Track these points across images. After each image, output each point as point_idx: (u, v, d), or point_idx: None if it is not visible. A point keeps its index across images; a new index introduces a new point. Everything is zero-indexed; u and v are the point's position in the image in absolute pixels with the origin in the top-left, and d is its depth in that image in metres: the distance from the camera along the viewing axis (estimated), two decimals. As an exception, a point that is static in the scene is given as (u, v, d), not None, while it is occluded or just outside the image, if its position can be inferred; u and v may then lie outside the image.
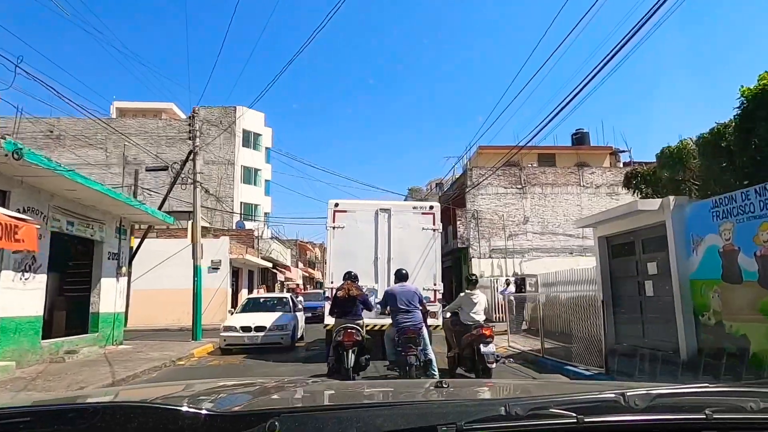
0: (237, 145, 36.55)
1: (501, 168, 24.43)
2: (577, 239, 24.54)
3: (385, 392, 2.04)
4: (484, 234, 24.29)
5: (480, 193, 24.64)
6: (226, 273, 21.68)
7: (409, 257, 9.72)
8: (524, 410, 1.09)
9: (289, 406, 1.50)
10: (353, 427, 1.06)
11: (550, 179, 25.15)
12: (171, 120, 37.16)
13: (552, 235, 24.56)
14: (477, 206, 24.48)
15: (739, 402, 1.23)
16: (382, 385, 3.47)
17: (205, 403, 1.32)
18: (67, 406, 1.35)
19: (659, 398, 1.20)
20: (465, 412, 1.12)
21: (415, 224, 10.14)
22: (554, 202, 24.89)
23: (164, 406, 1.24)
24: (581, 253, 24.34)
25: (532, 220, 24.66)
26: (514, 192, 24.85)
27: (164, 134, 36.32)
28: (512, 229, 24.42)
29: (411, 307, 7.23)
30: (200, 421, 1.09)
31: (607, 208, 26.16)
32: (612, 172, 25.72)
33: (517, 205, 24.74)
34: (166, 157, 36.20)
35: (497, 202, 24.65)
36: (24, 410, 1.25)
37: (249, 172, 37.51)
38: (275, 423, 1.02)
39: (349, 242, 9.99)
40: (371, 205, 10.48)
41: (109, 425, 1.10)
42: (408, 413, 1.19)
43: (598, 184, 25.26)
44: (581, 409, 1.11)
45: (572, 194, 25.05)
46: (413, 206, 10.97)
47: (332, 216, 10.21)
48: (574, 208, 24.89)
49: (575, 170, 25.45)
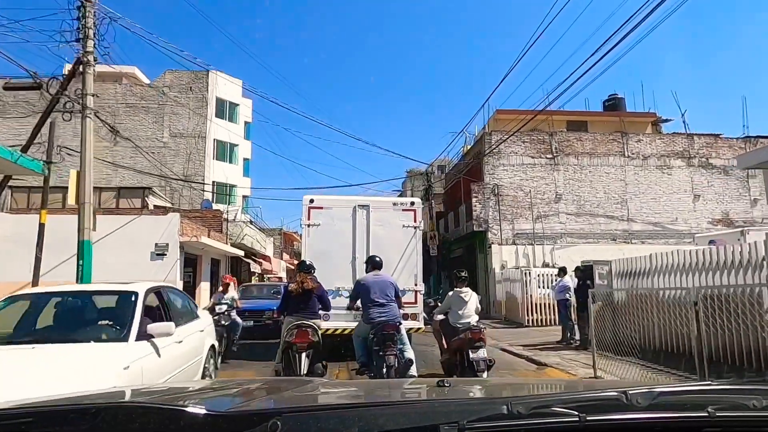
0: (209, 115, 31.41)
1: (527, 133, 19.52)
2: (621, 222, 19.71)
3: (387, 391, 2.00)
4: (507, 215, 19.37)
5: (501, 163, 19.70)
6: (175, 260, 16.65)
7: (389, 256, 8.92)
8: (526, 409, 1.09)
9: (290, 405, 1.44)
10: (355, 427, 1.05)
11: (587, 147, 20.26)
12: (132, 86, 31.88)
13: (590, 217, 19.70)
14: (497, 179, 19.54)
15: (742, 400, 1.22)
16: (383, 384, 3.27)
17: (207, 403, 1.29)
18: (69, 407, 1.34)
19: (661, 396, 1.20)
20: (467, 411, 1.12)
21: (396, 221, 9.65)
22: (592, 176, 20.02)
23: (166, 406, 1.24)
24: (626, 238, 19.54)
25: (566, 197, 19.78)
26: (543, 163, 19.94)
27: (123, 101, 31.13)
28: (541, 209, 19.53)
29: (387, 300, 6.33)
30: (202, 421, 1.08)
31: (659, 183, 21.46)
32: (663, 140, 20.86)
33: (547, 179, 19.83)
34: (124, 127, 31.15)
35: (522, 175, 19.73)
36: (26, 410, 1.26)
37: (224, 147, 32.39)
38: (277, 423, 1.02)
39: (326, 241, 9.47)
40: (349, 201, 9.97)
41: (110, 425, 1.10)
42: (410, 412, 1.19)
43: (646, 155, 20.40)
44: (583, 407, 1.11)
45: (614, 166, 20.18)
46: (393, 202, 10.29)
47: (307, 213, 9.63)
48: (616, 183, 20.03)
49: (618, 137, 20.55)
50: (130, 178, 29.01)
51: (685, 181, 20.25)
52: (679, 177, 20.25)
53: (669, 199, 20.07)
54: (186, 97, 31.56)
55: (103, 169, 30.41)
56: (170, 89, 31.49)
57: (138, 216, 16.71)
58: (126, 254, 16.09)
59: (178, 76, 31.56)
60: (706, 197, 20.21)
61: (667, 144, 20.55)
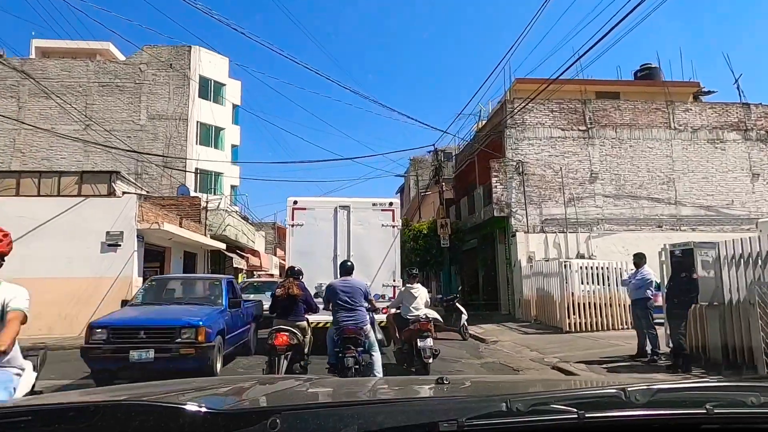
0: (192, 95, 28.31)
1: (556, 101, 16.46)
2: (667, 205, 16.64)
3: (386, 389, 1.98)
4: (533, 197, 16.29)
5: (525, 136, 16.60)
6: (131, 252, 13.56)
7: (369, 254, 9.75)
8: (525, 406, 1.09)
9: (290, 403, 1.46)
10: (354, 424, 1.05)
11: (626, 117, 17.14)
12: (106, 62, 28.76)
13: (631, 200, 16.61)
14: (521, 155, 16.44)
15: (740, 397, 1.23)
16: (383, 382, 3.24)
17: (206, 401, 1.28)
18: (68, 405, 1.34)
19: (660, 393, 1.19)
20: (466, 409, 1.11)
21: (375, 221, 10.15)
22: (633, 151, 16.92)
23: (165, 404, 1.22)
24: (674, 225, 16.50)
25: (603, 176, 16.68)
26: (576, 135, 16.83)
27: (96, 80, 28.01)
28: (574, 190, 16.44)
29: (353, 304, 6.49)
30: (201, 418, 1.08)
31: (710, 160, 18.38)
32: (714, 109, 17.73)
33: (581, 155, 16.73)
34: (96, 108, 28.09)
35: (551, 150, 16.64)
36: (25, 409, 1.26)
37: (208, 131, 29.28)
38: (276, 420, 1.02)
39: (309, 240, 9.99)
40: (331, 203, 10.58)
41: (110, 423, 1.10)
42: (409, 410, 1.19)
43: (696, 126, 17.29)
44: (582, 404, 1.10)
45: (659, 140, 17.08)
46: (373, 203, 10.55)
47: (291, 214, 10.26)
48: (661, 160, 16.95)
49: (662, 105, 17.45)
50: (103, 165, 26.00)
51: (742, 158, 17.16)
52: (734, 152, 17.15)
53: (723, 178, 16.99)
54: (166, 75, 28.42)
55: (74, 154, 27.49)
56: (148, 66, 28.37)
57: (85, 199, 13.64)
58: (70, 245, 13.07)
59: (157, 51, 28.43)
60: (766, 176, 17.13)
61: (720, 114, 17.45)
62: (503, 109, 16.90)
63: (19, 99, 27.23)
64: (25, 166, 25.52)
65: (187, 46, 28.90)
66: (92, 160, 26.97)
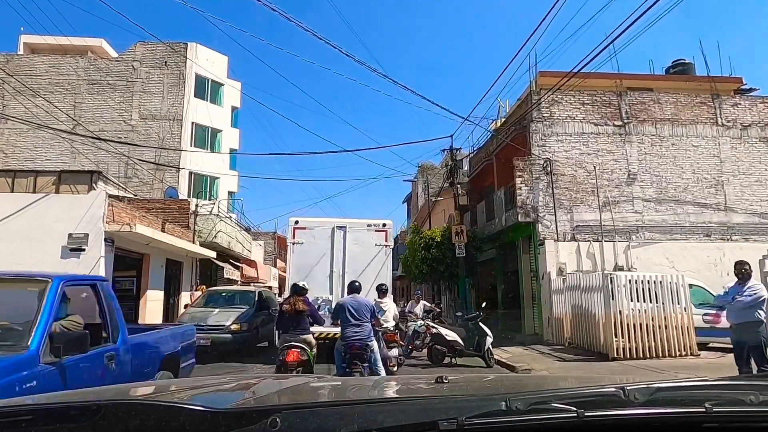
0: (187, 94, 26.57)
1: (588, 92, 14.53)
2: (716, 212, 14.58)
3: (386, 388, 1.98)
4: (563, 201, 14.25)
5: (553, 131, 14.61)
6: (97, 258, 11.60)
7: (363, 271, 10.24)
8: (525, 405, 1.08)
9: (290, 402, 1.46)
10: (355, 423, 1.04)
11: (667, 112, 15.13)
12: (96, 59, 27.09)
13: (675, 205, 14.53)
14: (549, 153, 14.44)
15: (739, 395, 1.22)
16: (383, 381, 3.29)
17: (207, 400, 1.31)
18: (70, 404, 1.31)
19: (659, 392, 1.19)
20: (466, 407, 1.10)
21: (369, 240, 10.79)
22: (676, 150, 14.88)
23: (166, 403, 1.22)
24: (724, 234, 14.42)
25: (642, 178, 14.64)
26: (611, 131, 14.82)
27: (86, 77, 26.35)
28: (610, 193, 14.39)
29: (360, 321, 6.88)
30: (202, 417, 1.07)
31: (763, 161, 16.29)
32: (766, 104, 15.70)
33: (617, 154, 14.70)
34: (85, 107, 26.38)
35: (582, 147, 14.63)
36: (27, 408, 1.24)
37: (204, 132, 27.47)
38: (276, 419, 1.01)
39: (308, 257, 10.60)
40: (328, 223, 11.24)
41: (111, 422, 1.09)
42: (409, 409, 1.18)
43: (746, 123, 15.26)
44: (582, 403, 1.09)
45: (705, 137, 15.04)
46: (368, 224, 11.21)
47: (292, 233, 10.94)
48: (708, 160, 14.90)
49: (707, 99, 15.45)
50: (91, 166, 24.22)
51: (799, 159, 15.09)
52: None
53: (779, 181, 14.91)
54: (160, 74, 26.75)
55: (60, 156, 25.73)
56: (141, 64, 26.71)
57: (46, 195, 11.72)
58: (26, 250, 11.12)
59: (152, 48, 26.82)
60: (827, 180, 15.04)
61: (774, 108, 15.41)
62: (528, 100, 14.94)
63: (3, 98, 25.49)
64: (7, 167, 23.81)
65: (184, 42, 27.26)
66: (79, 162, 25.18)
